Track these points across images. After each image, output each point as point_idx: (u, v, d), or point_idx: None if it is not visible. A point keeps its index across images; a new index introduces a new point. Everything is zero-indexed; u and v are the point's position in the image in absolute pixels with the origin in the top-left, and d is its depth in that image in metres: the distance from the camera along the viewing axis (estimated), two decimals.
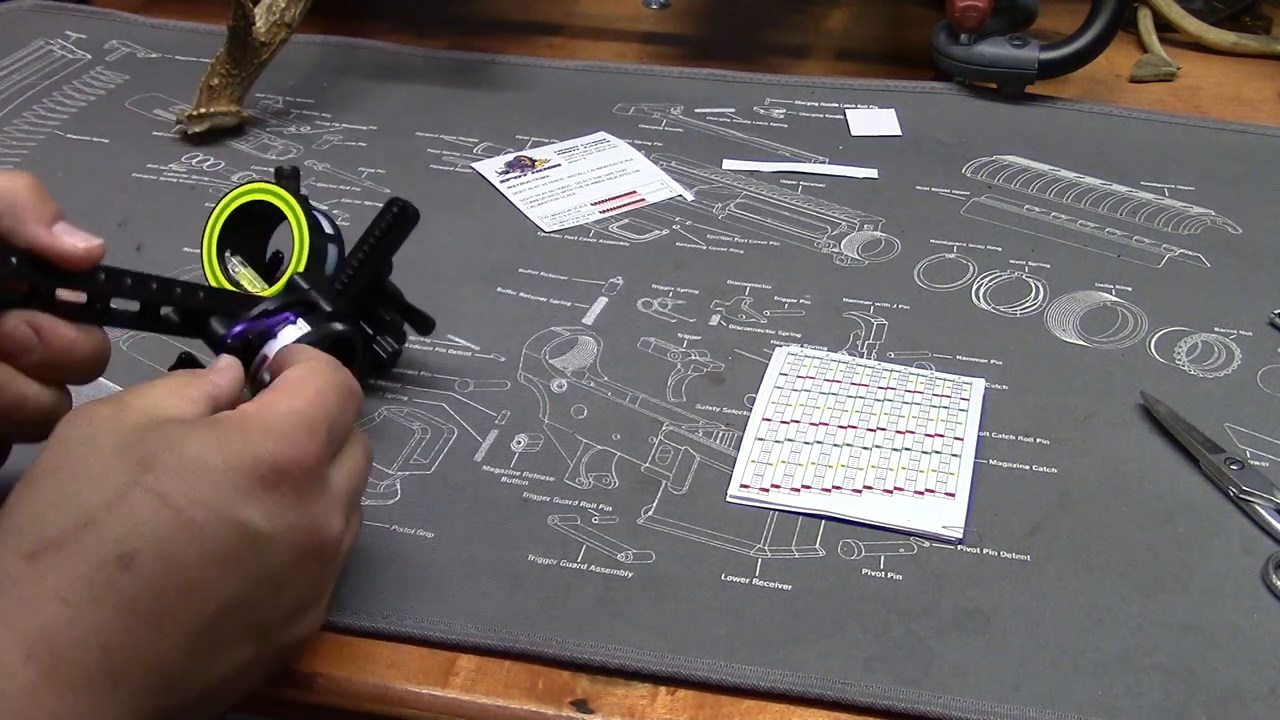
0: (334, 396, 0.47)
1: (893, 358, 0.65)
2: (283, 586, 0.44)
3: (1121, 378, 0.64)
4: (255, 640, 0.44)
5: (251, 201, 0.61)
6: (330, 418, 0.46)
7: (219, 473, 0.42)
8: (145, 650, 0.40)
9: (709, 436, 0.60)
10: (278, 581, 0.44)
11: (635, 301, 0.69)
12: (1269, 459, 0.59)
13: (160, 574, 0.40)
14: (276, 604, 0.44)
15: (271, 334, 0.52)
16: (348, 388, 0.48)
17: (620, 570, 0.53)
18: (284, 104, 0.88)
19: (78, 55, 0.95)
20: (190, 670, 0.42)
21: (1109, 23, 0.85)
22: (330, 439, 0.46)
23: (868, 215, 0.77)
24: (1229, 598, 0.52)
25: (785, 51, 0.99)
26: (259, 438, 0.43)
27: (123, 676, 0.40)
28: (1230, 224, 0.76)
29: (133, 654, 0.40)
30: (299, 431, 0.44)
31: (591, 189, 0.79)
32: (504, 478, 0.58)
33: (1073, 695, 0.48)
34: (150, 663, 0.40)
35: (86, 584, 0.39)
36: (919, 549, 0.55)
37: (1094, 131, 0.86)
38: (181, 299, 0.53)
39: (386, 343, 0.61)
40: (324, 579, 0.47)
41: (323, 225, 0.61)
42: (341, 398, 0.47)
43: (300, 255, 0.60)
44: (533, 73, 0.93)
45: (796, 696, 0.49)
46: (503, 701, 0.49)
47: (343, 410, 0.47)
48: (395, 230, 0.60)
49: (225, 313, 0.53)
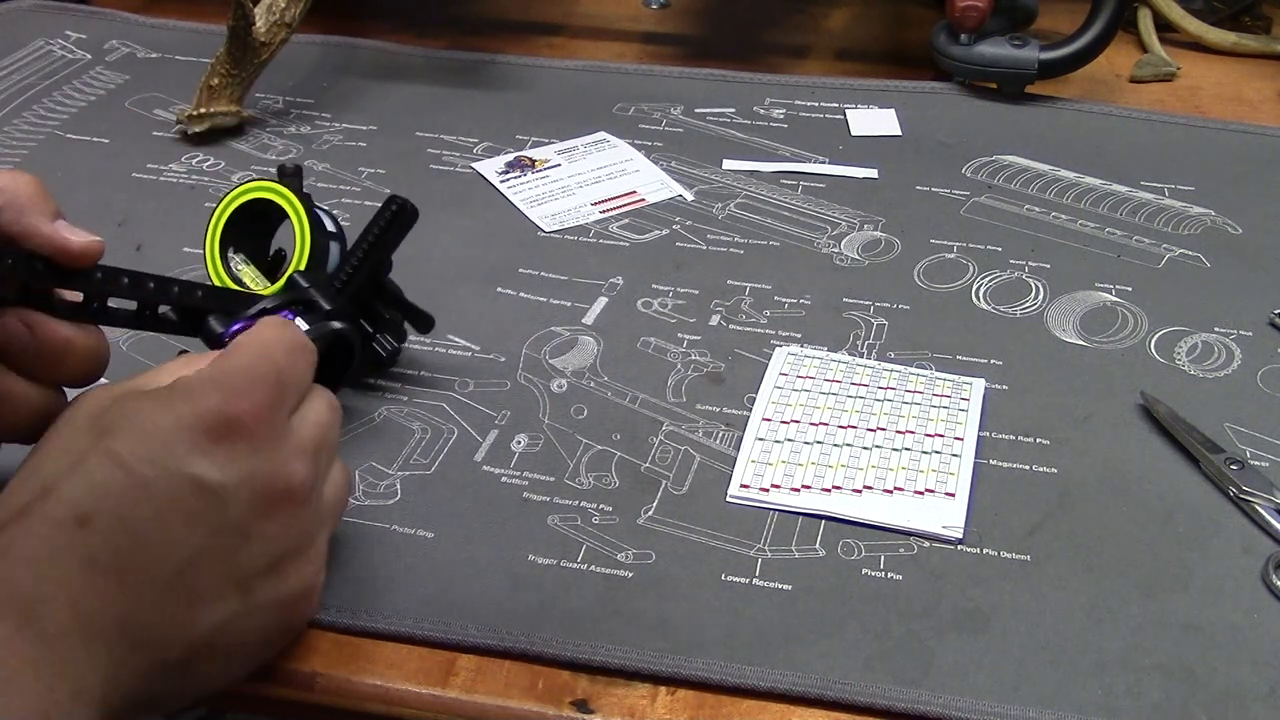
0: (280, 349, 0.47)
1: (893, 358, 0.65)
2: (250, 537, 0.45)
3: (1121, 378, 0.64)
4: (237, 593, 0.45)
5: (255, 199, 0.61)
6: (278, 368, 0.47)
7: (168, 431, 0.43)
8: (113, 604, 0.41)
9: (709, 436, 0.60)
10: (243, 532, 0.44)
11: (635, 301, 0.69)
12: (1269, 459, 0.59)
13: (117, 531, 0.42)
14: (250, 554, 0.45)
15: None
16: (295, 341, 0.49)
17: (620, 570, 0.53)
18: (284, 104, 0.88)
19: (78, 55, 0.95)
20: (168, 623, 0.43)
21: (1109, 23, 0.85)
22: (281, 390, 0.46)
23: (868, 215, 0.77)
24: (1229, 598, 0.52)
25: (785, 51, 0.99)
26: (205, 394, 0.44)
27: (96, 629, 0.41)
28: (1230, 224, 0.76)
29: (102, 608, 0.41)
30: (246, 383, 0.45)
31: (591, 189, 0.79)
32: (504, 478, 0.58)
33: (1073, 695, 0.48)
34: (122, 616, 0.42)
35: (48, 545, 0.41)
36: (919, 549, 0.55)
37: (1094, 131, 0.86)
38: (179, 297, 0.53)
39: (386, 341, 0.61)
40: (302, 526, 0.47)
41: (324, 223, 0.61)
42: (289, 351, 0.48)
43: (301, 253, 0.60)
44: (533, 73, 0.93)
45: (796, 696, 0.49)
46: (503, 701, 0.49)
47: (292, 363, 0.48)
48: (394, 228, 0.60)
49: (223, 311, 0.53)
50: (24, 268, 0.48)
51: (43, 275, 0.49)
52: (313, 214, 0.61)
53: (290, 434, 0.47)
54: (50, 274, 0.49)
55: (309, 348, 0.49)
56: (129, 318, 0.52)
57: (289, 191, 0.61)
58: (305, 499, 0.47)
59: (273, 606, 0.47)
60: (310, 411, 0.48)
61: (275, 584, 0.46)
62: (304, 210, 0.60)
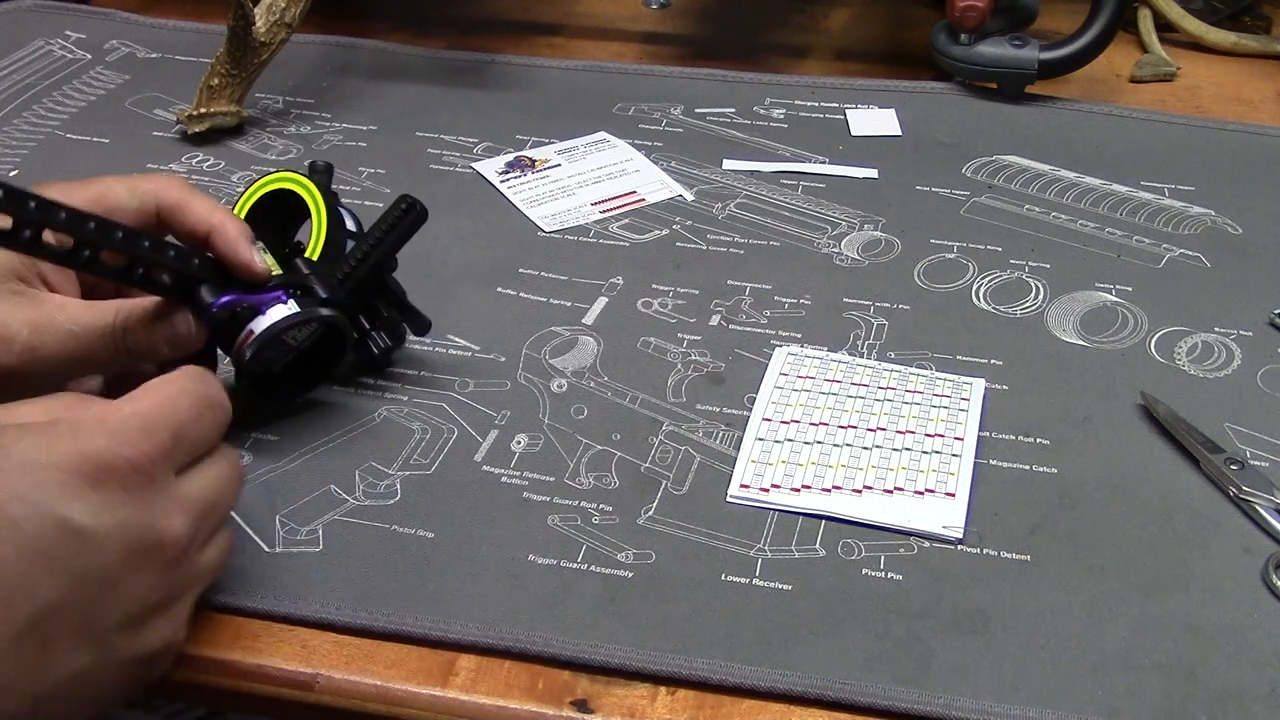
0: (186, 402, 0.46)
1: (893, 358, 0.65)
2: (114, 587, 0.43)
3: (1121, 378, 0.64)
4: (92, 646, 0.43)
5: (284, 191, 0.61)
6: (176, 423, 0.45)
7: (43, 470, 0.42)
8: None
9: (709, 436, 0.60)
10: (108, 582, 0.43)
11: (635, 301, 0.69)
12: (1269, 459, 0.59)
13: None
14: (112, 607, 0.43)
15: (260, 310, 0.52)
16: (208, 398, 0.47)
17: (620, 570, 0.53)
18: (284, 104, 0.88)
19: (78, 55, 0.95)
20: (17, 672, 0.41)
21: (1109, 23, 0.85)
22: (174, 443, 0.45)
23: (868, 215, 0.77)
24: (1229, 598, 0.52)
25: (785, 51, 0.99)
26: (89, 436, 0.43)
27: None
28: (1230, 224, 0.76)
29: None
30: (134, 432, 0.44)
31: (591, 189, 0.79)
32: (504, 478, 0.58)
33: (1073, 695, 0.48)
34: None
35: None
36: (919, 549, 0.55)
37: (1094, 131, 0.86)
38: (174, 261, 0.51)
39: (380, 338, 0.61)
40: (169, 585, 0.45)
41: (344, 221, 0.61)
42: (195, 405, 0.46)
43: (316, 244, 0.60)
44: (533, 73, 0.93)
45: (796, 696, 0.49)
46: (503, 701, 0.49)
47: (196, 418, 0.46)
48: (402, 227, 0.60)
49: (217, 282, 0.53)
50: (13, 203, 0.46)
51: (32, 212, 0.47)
52: (334, 210, 0.61)
53: (173, 489, 0.45)
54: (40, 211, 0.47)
55: (222, 406, 0.48)
56: (119, 272, 0.50)
57: (313, 185, 0.61)
58: (177, 557, 0.45)
59: (127, 663, 0.44)
60: (207, 471, 0.47)
61: (133, 640, 0.44)
62: (324, 205, 0.60)
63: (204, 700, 0.54)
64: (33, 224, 0.47)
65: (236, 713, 0.47)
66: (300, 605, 0.51)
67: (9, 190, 0.46)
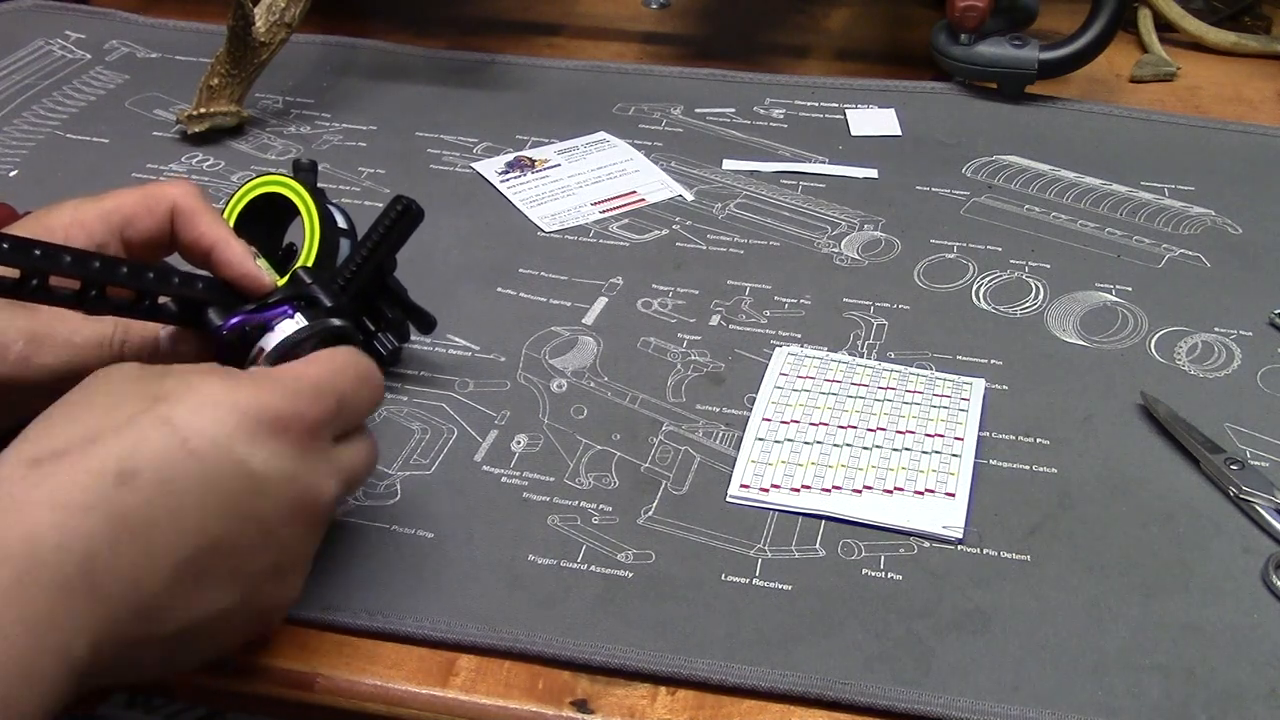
0: (350, 374, 0.48)
1: (893, 358, 0.65)
2: (271, 536, 0.45)
3: (1121, 378, 0.64)
4: (238, 589, 0.44)
5: (269, 193, 0.61)
6: (341, 391, 0.47)
7: (226, 410, 0.43)
8: (128, 569, 0.41)
9: (709, 436, 0.60)
10: (267, 529, 0.44)
11: (635, 301, 0.69)
12: (1269, 459, 0.59)
13: (157, 495, 0.41)
14: (263, 554, 0.45)
15: (268, 327, 0.52)
16: (368, 374, 0.49)
17: (620, 570, 0.53)
18: (284, 104, 0.88)
19: (78, 55, 0.95)
20: (171, 600, 0.42)
21: (1109, 23, 0.85)
22: (339, 411, 0.47)
23: (868, 215, 0.77)
24: (1229, 598, 0.52)
25: (785, 51, 0.99)
26: (268, 388, 0.45)
27: (101, 589, 0.40)
28: (1230, 224, 0.76)
29: (115, 569, 0.40)
30: (308, 392, 0.46)
31: (591, 189, 0.79)
32: (504, 478, 0.58)
33: (1073, 695, 0.48)
34: (132, 582, 0.41)
35: (81, 492, 0.40)
36: (919, 549, 0.55)
37: (1094, 131, 0.86)
38: (179, 288, 0.52)
39: (387, 339, 0.61)
40: (309, 543, 0.47)
41: (336, 219, 0.61)
42: (358, 378, 0.49)
43: (310, 248, 0.59)
44: (533, 73, 0.93)
45: (796, 696, 0.49)
46: (503, 701, 0.49)
47: (356, 390, 0.48)
48: (399, 228, 0.60)
49: (223, 304, 0.53)
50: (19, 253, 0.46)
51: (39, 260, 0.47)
52: (324, 209, 0.61)
53: (331, 453, 0.47)
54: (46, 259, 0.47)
55: (380, 384, 0.50)
56: (127, 306, 0.51)
57: (301, 186, 0.61)
58: (324, 518, 0.47)
59: (259, 612, 0.46)
60: (357, 444, 0.49)
61: (272, 589, 0.46)
62: (315, 206, 0.60)
63: (204, 700, 0.54)
64: (40, 272, 0.48)
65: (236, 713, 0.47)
66: (300, 605, 0.51)
67: (14, 241, 0.46)
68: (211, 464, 0.43)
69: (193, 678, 0.50)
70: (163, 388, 0.44)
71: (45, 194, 0.70)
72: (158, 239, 0.54)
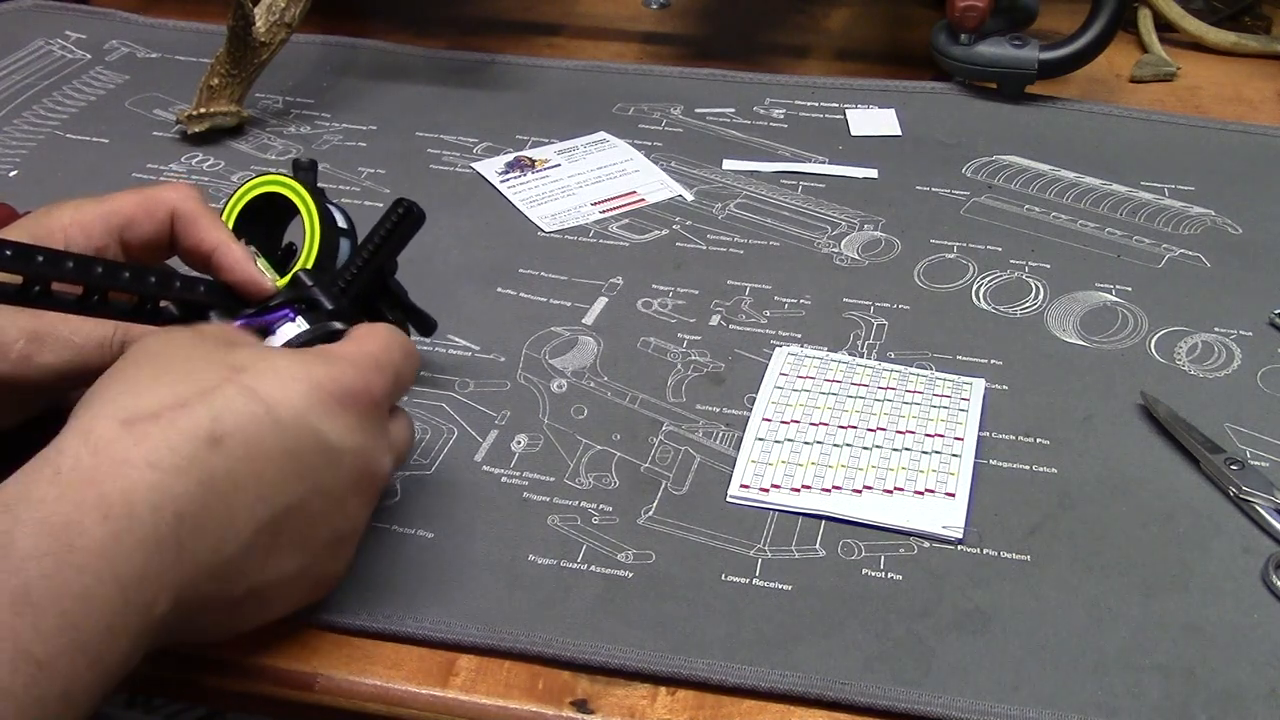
0: (399, 349, 0.50)
1: (893, 358, 0.65)
2: (337, 506, 0.47)
3: (1121, 378, 0.64)
4: (305, 555, 0.46)
5: (269, 193, 0.61)
6: (396, 364, 0.50)
7: (304, 383, 0.46)
8: (212, 530, 0.42)
9: (709, 436, 0.60)
10: (335, 499, 0.47)
11: (635, 301, 0.69)
12: (1269, 459, 0.59)
13: (244, 460, 0.43)
14: (329, 523, 0.47)
15: (270, 330, 0.52)
16: (411, 348, 0.52)
17: (620, 570, 0.53)
18: (284, 104, 0.88)
19: (78, 55, 0.95)
20: (245, 563, 0.44)
21: (1109, 23, 0.85)
22: (395, 384, 0.50)
23: (868, 215, 0.77)
24: (1229, 598, 0.52)
25: (785, 51, 0.99)
26: (339, 364, 0.47)
27: (187, 549, 0.41)
28: (1230, 224, 0.76)
29: (201, 530, 0.42)
30: (372, 367, 0.48)
31: (591, 189, 0.79)
32: (504, 478, 0.58)
33: (1073, 695, 0.48)
34: (215, 543, 0.42)
35: (175, 455, 0.41)
36: (919, 549, 0.55)
37: (1094, 131, 0.86)
38: (181, 292, 0.52)
39: None
40: (365, 515, 0.49)
41: (335, 219, 0.61)
42: (406, 353, 0.51)
43: (310, 249, 0.59)
44: (533, 73, 0.93)
45: (796, 696, 0.49)
46: (503, 702, 0.49)
47: (406, 365, 0.51)
48: (400, 230, 0.59)
49: (224, 307, 0.53)
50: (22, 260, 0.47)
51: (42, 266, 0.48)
52: (324, 209, 0.60)
53: (388, 428, 0.50)
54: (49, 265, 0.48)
55: (419, 356, 0.52)
56: (130, 311, 0.51)
57: (301, 186, 0.61)
58: (379, 492, 0.50)
59: (317, 580, 0.48)
60: (402, 420, 0.52)
61: (332, 558, 0.48)
62: (315, 205, 0.60)
63: (204, 700, 0.54)
64: (42, 278, 0.48)
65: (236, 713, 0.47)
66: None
67: (16, 248, 0.47)
68: (292, 433, 0.44)
69: (193, 678, 0.50)
70: (238, 359, 0.46)
71: (45, 194, 0.70)
72: (157, 242, 0.54)
